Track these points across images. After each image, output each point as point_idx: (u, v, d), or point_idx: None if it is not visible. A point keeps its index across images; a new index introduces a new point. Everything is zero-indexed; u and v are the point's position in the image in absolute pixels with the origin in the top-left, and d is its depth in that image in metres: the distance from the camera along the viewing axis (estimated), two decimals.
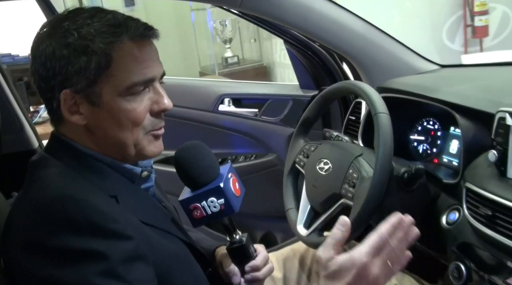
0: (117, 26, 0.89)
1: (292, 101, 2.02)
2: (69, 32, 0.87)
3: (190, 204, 0.99)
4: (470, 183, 1.09)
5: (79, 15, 0.90)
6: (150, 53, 0.92)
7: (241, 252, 1.08)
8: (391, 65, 1.62)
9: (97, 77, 0.88)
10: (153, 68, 0.92)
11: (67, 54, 0.87)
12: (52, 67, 0.88)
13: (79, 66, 0.87)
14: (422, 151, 1.46)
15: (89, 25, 0.88)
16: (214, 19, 5.59)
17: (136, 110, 0.90)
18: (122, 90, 0.89)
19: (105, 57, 0.87)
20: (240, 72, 5.64)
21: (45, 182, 0.87)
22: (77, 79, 0.88)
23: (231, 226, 1.06)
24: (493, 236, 1.00)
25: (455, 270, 1.09)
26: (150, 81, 0.92)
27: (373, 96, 1.18)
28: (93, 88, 0.88)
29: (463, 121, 1.20)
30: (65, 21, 0.89)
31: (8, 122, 1.73)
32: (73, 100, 0.89)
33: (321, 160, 1.31)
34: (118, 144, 0.92)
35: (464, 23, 4.96)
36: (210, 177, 1.00)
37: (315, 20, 1.53)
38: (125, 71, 0.89)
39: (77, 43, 0.87)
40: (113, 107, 0.89)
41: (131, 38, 0.89)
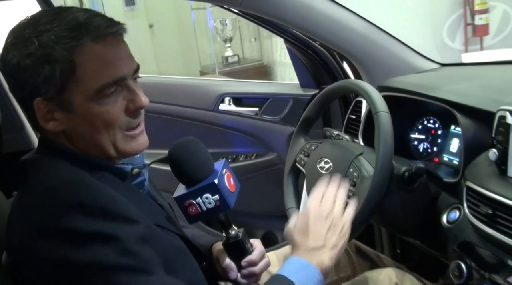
0: (77, 28, 0.86)
1: (292, 100, 2.02)
2: (30, 41, 0.85)
3: (185, 200, 0.99)
4: (471, 181, 1.09)
5: (40, 19, 0.87)
6: (116, 51, 0.89)
7: (237, 247, 1.08)
8: (391, 64, 1.62)
9: (64, 84, 0.86)
10: (122, 67, 0.89)
11: (31, 64, 0.85)
12: (19, 78, 0.87)
13: (44, 75, 0.85)
14: (423, 150, 1.46)
15: (49, 30, 0.85)
16: (214, 18, 5.59)
17: (109, 112, 0.89)
18: (91, 94, 0.87)
19: (68, 63, 0.85)
20: (241, 71, 5.65)
21: (48, 171, 0.88)
22: (45, 88, 0.86)
23: (227, 221, 1.06)
24: (494, 234, 1.00)
25: (456, 269, 1.09)
26: (120, 80, 0.89)
27: (373, 95, 1.18)
28: (63, 95, 0.87)
29: (464, 119, 1.20)
30: (26, 29, 0.87)
31: (8, 121, 1.73)
32: (46, 108, 0.88)
33: (322, 159, 1.31)
34: (97, 146, 0.91)
35: (465, 22, 4.96)
36: (204, 174, 1.00)
37: (316, 19, 1.53)
38: (92, 75, 0.86)
39: (39, 52, 0.85)
40: (85, 112, 0.88)
41: (94, 39, 0.86)
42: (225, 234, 1.08)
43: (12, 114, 1.76)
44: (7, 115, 1.73)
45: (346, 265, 1.43)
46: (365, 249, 1.49)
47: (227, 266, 1.10)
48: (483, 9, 4.83)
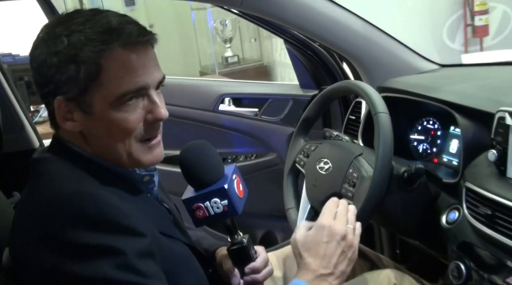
0: (109, 33, 0.86)
1: (292, 100, 2.03)
2: (59, 39, 0.86)
3: (193, 203, 0.99)
4: (470, 182, 1.10)
5: (74, 19, 0.88)
6: (143, 60, 0.89)
7: (242, 253, 1.07)
8: (391, 65, 1.62)
9: (87, 86, 0.86)
10: (146, 75, 0.89)
11: (57, 62, 0.85)
12: (44, 74, 0.87)
13: (68, 74, 0.85)
14: (422, 150, 1.46)
15: (81, 31, 0.85)
16: (214, 18, 5.59)
17: (128, 120, 0.88)
18: (112, 100, 0.86)
19: (94, 66, 0.85)
20: (241, 71, 5.65)
21: (56, 177, 0.87)
22: (67, 88, 0.86)
23: (233, 227, 1.05)
24: (493, 235, 1.00)
25: (455, 269, 1.09)
26: (142, 89, 0.89)
27: (373, 96, 1.19)
28: (84, 97, 0.87)
29: (463, 120, 1.20)
30: (59, 26, 0.87)
31: (8, 121, 1.73)
32: (66, 107, 0.88)
33: (321, 159, 1.31)
34: (111, 152, 0.91)
35: (464, 23, 4.96)
36: (214, 178, 1.00)
37: (315, 19, 1.53)
38: (115, 81, 0.86)
39: (66, 51, 0.85)
40: (104, 117, 0.88)
41: (123, 45, 0.86)
42: (230, 239, 1.07)
43: (12, 114, 1.76)
44: (7, 115, 1.73)
45: None
46: (365, 250, 1.49)
47: (230, 272, 1.09)
48: (483, 10, 4.83)
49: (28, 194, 0.91)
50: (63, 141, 0.93)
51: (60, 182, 0.86)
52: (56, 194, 0.83)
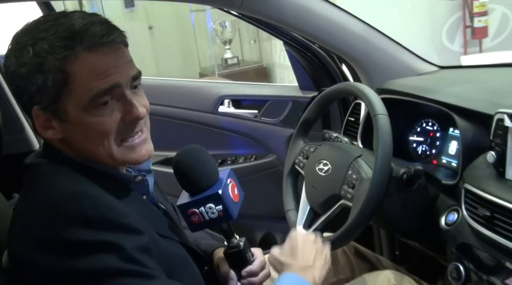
0: (72, 37, 0.84)
1: (291, 102, 2.03)
2: (26, 49, 0.85)
3: (188, 209, 0.99)
4: (469, 184, 1.10)
5: (39, 26, 0.87)
6: (110, 60, 0.87)
7: (238, 257, 1.07)
8: (390, 67, 1.63)
9: (57, 94, 0.85)
10: (116, 74, 0.87)
11: (25, 73, 0.85)
12: (17, 85, 0.87)
13: (37, 84, 0.85)
14: (421, 152, 1.47)
15: (44, 39, 0.84)
16: (214, 20, 5.60)
17: (104, 123, 0.88)
18: (85, 104, 0.86)
19: (61, 73, 0.84)
20: (240, 73, 5.64)
21: (51, 180, 0.87)
22: (39, 97, 0.86)
23: (229, 230, 1.06)
24: (492, 237, 1.00)
25: (454, 271, 1.10)
26: (114, 88, 0.87)
27: (372, 98, 1.19)
28: (58, 105, 0.86)
29: (462, 122, 1.21)
30: (26, 35, 0.87)
31: (8, 122, 1.74)
32: (44, 116, 0.88)
33: (321, 161, 1.31)
34: (95, 155, 0.91)
35: (464, 24, 4.97)
36: (209, 183, 1.00)
37: (315, 21, 1.54)
38: (84, 85, 0.85)
39: (33, 61, 0.84)
40: (80, 122, 0.87)
41: (87, 48, 0.85)
42: (226, 243, 1.07)
43: (12, 116, 1.77)
44: (7, 116, 1.73)
45: (345, 267, 1.43)
46: (364, 251, 1.49)
47: (227, 275, 1.10)
48: (482, 11, 4.84)
49: (24, 198, 0.90)
50: (53, 146, 0.93)
51: (57, 184, 0.86)
52: (54, 197, 0.83)
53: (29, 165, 0.93)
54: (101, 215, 0.81)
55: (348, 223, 1.15)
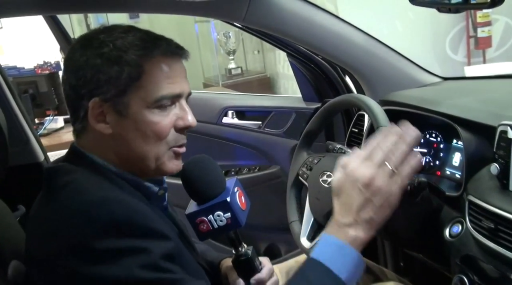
0: (150, 41, 0.93)
1: (295, 113, 2.04)
2: (104, 43, 0.91)
3: (197, 218, 1.00)
4: (473, 196, 1.10)
5: (114, 29, 0.94)
6: (179, 70, 0.96)
7: (247, 265, 1.08)
8: (393, 78, 1.63)
9: (127, 87, 0.90)
10: (181, 84, 0.95)
11: (100, 63, 0.90)
12: (83, 76, 0.90)
13: (110, 75, 0.89)
14: (425, 163, 1.47)
15: (124, 38, 0.92)
16: (218, 31, 5.64)
17: (161, 123, 0.92)
18: (150, 103, 0.91)
19: (137, 68, 0.90)
20: (244, 83, 5.67)
21: (79, 186, 0.88)
22: (107, 88, 0.90)
23: (237, 239, 1.06)
24: (496, 249, 1.00)
25: (459, 283, 1.09)
26: (178, 96, 0.94)
27: (375, 110, 1.19)
28: (122, 98, 0.90)
29: (465, 134, 1.21)
30: (101, 34, 0.93)
31: (14, 134, 1.75)
32: (100, 108, 0.91)
33: (324, 172, 1.31)
34: (139, 156, 0.93)
35: (467, 34, 4.98)
36: (216, 191, 1.01)
37: (318, 33, 1.55)
38: (155, 84, 0.91)
39: (111, 53, 0.90)
40: (139, 118, 0.91)
41: (163, 54, 0.93)
42: (234, 251, 1.08)
43: (18, 128, 1.78)
44: (12, 128, 1.74)
45: None
46: (368, 263, 1.48)
47: (236, 284, 1.10)
48: (486, 22, 4.85)
49: (49, 205, 0.90)
50: (81, 150, 0.95)
51: (86, 190, 0.87)
52: (84, 203, 0.85)
53: (51, 170, 0.94)
54: (131, 221, 0.83)
55: None
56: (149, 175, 0.97)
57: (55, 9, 1.54)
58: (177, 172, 1.03)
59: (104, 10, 2.57)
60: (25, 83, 3.32)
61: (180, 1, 1.37)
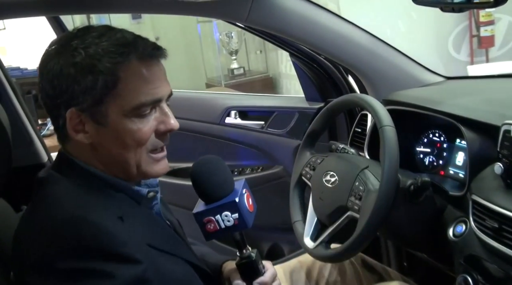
0: (125, 46, 0.89)
1: (298, 113, 2.03)
2: (77, 51, 0.87)
3: (204, 217, 1.00)
4: (477, 195, 1.10)
5: (88, 33, 0.90)
6: (158, 73, 0.92)
7: (251, 267, 1.08)
8: (396, 78, 1.63)
9: (103, 96, 0.88)
10: (161, 88, 0.92)
11: (74, 73, 0.87)
12: (58, 85, 0.88)
13: (85, 85, 0.87)
14: (428, 163, 1.47)
15: (97, 44, 0.88)
16: (220, 31, 5.64)
17: (142, 131, 0.90)
18: (128, 110, 0.89)
19: (112, 77, 0.87)
20: (246, 83, 5.67)
21: (55, 201, 0.88)
22: (83, 98, 0.88)
23: (242, 241, 1.07)
24: (500, 248, 1.00)
25: (463, 283, 1.09)
26: (158, 101, 0.92)
27: (378, 109, 1.19)
28: (99, 108, 0.89)
29: (469, 133, 1.21)
30: (74, 40, 0.89)
31: (17, 135, 1.75)
32: (78, 118, 0.90)
33: (328, 172, 1.31)
34: (121, 163, 0.93)
35: (470, 34, 4.97)
36: (225, 192, 1.01)
37: (321, 33, 1.55)
38: (132, 92, 0.89)
39: (84, 62, 0.87)
40: (118, 127, 0.89)
41: (139, 58, 0.89)
42: (238, 254, 1.08)
43: (21, 129, 1.78)
44: (16, 129, 1.74)
45: (353, 279, 1.43)
46: (372, 263, 1.49)
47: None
48: (488, 21, 4.84)
49: (29, 215, 0.91)
50: (69, 156, 0.94)
51: (59, 207, 0.86)
52: (54, 221, 0.84)
53: (40, 180, 0.94)
54: (97, 244, 0.82)
55: (355, 234, 1.15)
56: (134, 179, 0.97)
57: (57, 10, 1.55)
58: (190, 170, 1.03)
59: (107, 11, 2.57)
60: (28, 84, 3.32)
61: (183, 1, 1.37)
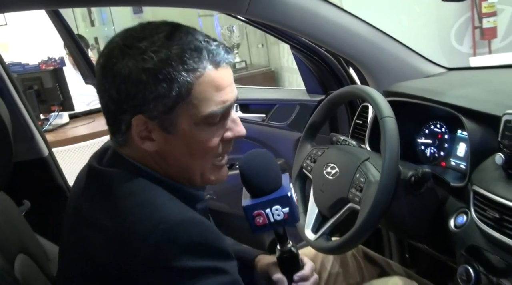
0: (198, 51, 0.84)
1: (299, 106, 2.03)
2: (147, 55, 0.82)
3: (255, 210, 1.00)
4: (478, 186, 1.09)
5: (156, 34, 0.85)
6: (228, 78, 0.88)
7: (291, 261, 1.10)
8: (397, 69, 1.62)
9: (175, 105, 0.83)
10: (230, 94, 0.88)
11: (146, 79, 0.81)
12: (126, 90, 0.83)
13: (158, 93, 0.82)
14: (430, 154, 1.46)
15: (168, 48, 0.82)
16: (221, 25, 5.63)
17: (211, 140, 0.88)
18: (199, 119, 0.85)
19: (186, 85, 0.83)
20: (248, 77, 5.67)
21: (152, 201, 0.83)
22: (153, 106, 0.83)
23: (284, 235, 1.08)
24: (501, 239, 1.00)
25: (464, 273, 1.09)
26: (228, 108, 0.88)
27: (379, 101, 1.19)
28: (169, 116, 0.84)
29: (470, 124, 1.20)
30: (141, 40, 0.84)
31: (18, 130, 1.75)
32: (145, 125, 0.85)
33: (328, 164, 1.31)
34: (186, 170, 0.90)
35: (472, 25, 4.95)
36: (275, 186, 1.02)
37: (321, 25, 1.54)
38: (205, 101, 0.84)
39: (157, 69, 0.81)
40: (187, 136, 0.86)
41: (213, 65, 0.85)
42: (279, 247, 1.09)
43: (22, 124, 1.78)
44: (16, 124, 1.75)
45: (354, 271, 1.43)
46: (374, 255, 1.49)
47: (279, 280, 1.10)
48: (491, 12, 4.82)
49: (115, 213, 0.84)
50: (130, 160, 0.90)
51: (161, 207, 0.82)
52: (162, 221, 0.80)
53: (105, 173, 0.89)
54: (207, 242, 0.81)
55: (356, 226, 1.15)
56: (195, 185, 0.95)
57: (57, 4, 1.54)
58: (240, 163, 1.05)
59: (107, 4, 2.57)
60: (29, 79, 3.34)
61: None
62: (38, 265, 1.17)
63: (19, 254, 1.10)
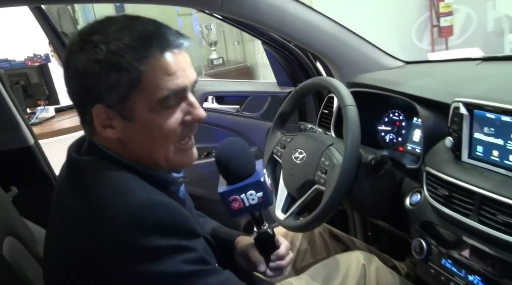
0: (147, 39, 0.83)
1: (270, 97, 2.04)
2: (99, 47, 0.81)
3: (230, 196, 1.01)
4: (430, 167, 1.13)
5: (110, 27, 0.84)
6: (181, 62, 0.87)
7: (268, 242, 1.10)
8: (360, 62, 1.65)
9: (128, 93, 0.83)
10: (184, 78, 0.86)
11: (98, 70, 0.81)
12: (84, 83, 0.83)
13: (110, 82, 0.82)
14: (389, 140, 1.50)
15: (119, 39, 0.82)
16: (200, 23, 5.59)
17: (168, 124, 0.86)
18: (154, 104, 0.84)
19: (136, 73, 0.82)
20: (225, 72, 5.65)
21: (122, 185, 0.83)
22: (108, 95, 0.83)
23: (261, 218, 1.08)
24: (451, 214, 1.04)
25: (417, 246, 1.13)
26: (182, 91, 0.87)
27: (342, 90, 1.21)
28: (125, 104, 0.84)
29: (423, 111, 1.23)
30: (95, 34, 0.83)
31: (5, 122, 1.73)
32: (105, 114, 0.85)
33: (296, 150, 1.33)
34: (150, 156, 0.89)
35: (431, 24, 5.03)
36: (248, 172, 1.02)
37: (290, 22, 1.55)
38: (156, 85, 0.83)
39: (107, 59, 0.81)
40: (145, 122, 0.85)
41: (162, 50, 0.84)
42: (256, 229, 1.09)
43: (9, 115, 1.75)
44: (3, 116, 1.73)
45: (321, 249, 1.45)
46: (339, 234, 1.51)
47: (257, 260, 1.11)
48: (448, 12, 4.91)
49: (88, 199, 0.83)
50: (102, 148, 0.89)
51: (130, 191, 0.82)
52: (130, 204, 0.80)
53: (79, 161, 0.88)
54: (173, 222, 0.81)
55: (321, 205, 1.18)
56: (163, 170, 0.93)
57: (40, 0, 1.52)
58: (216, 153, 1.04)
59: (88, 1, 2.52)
60: (16, 75, 3.27)
61: None
62: (25, 246, 1.16)
63: (7, 236, 1.09)
